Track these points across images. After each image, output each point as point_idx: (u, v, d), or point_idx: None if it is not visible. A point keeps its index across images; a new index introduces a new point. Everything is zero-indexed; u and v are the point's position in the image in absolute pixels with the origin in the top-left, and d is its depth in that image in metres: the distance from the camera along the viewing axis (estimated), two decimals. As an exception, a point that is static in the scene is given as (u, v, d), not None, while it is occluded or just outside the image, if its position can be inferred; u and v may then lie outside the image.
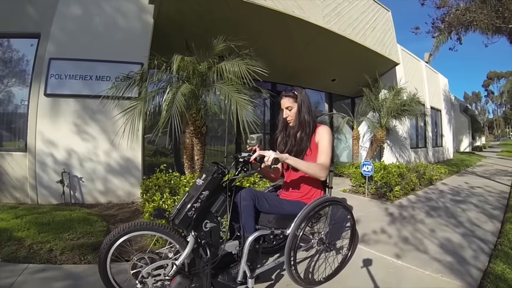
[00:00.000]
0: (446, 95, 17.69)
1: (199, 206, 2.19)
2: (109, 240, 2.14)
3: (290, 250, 2.38)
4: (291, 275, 2.46)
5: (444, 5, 9.95)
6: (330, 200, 2.70)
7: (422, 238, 3.93)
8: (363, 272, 3.00)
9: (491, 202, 6.00)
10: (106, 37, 5.54)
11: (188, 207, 2.17)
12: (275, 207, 2.52)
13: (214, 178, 2.25)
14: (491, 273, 2.84)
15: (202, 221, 2.24)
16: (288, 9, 6.43)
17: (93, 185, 5.31)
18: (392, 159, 10.15)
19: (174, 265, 2.16)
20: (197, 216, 2.20)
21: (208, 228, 2.26)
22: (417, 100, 9.62)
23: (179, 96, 4.22)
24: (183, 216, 2.15)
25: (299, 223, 2.40)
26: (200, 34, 4.97)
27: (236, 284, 2.29)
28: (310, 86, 11.24)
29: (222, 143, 9.32)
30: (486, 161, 16.49)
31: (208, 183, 2.22)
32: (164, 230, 2.26)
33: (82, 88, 5.31)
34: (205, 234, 2.25)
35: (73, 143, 5.25)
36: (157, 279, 2.16)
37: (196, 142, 4.94)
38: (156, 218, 2.22)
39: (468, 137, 28.53)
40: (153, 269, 2.16)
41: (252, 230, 2.35)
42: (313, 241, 2.77)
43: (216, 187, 2.31)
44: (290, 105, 2.69)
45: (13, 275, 2.64)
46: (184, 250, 2.21)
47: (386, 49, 9.79)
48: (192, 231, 2.22)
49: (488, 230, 4.23)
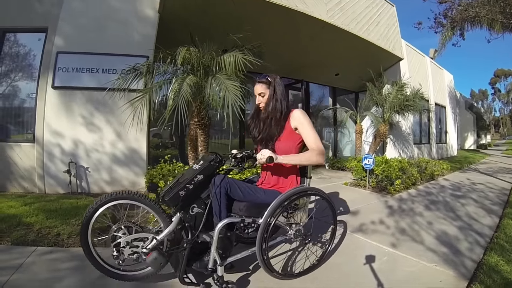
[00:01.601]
0: (451, 91, 17.61)
1: (191, 188, 2.28)
2: (91, 208, 2.23)
3: (262, 239, 2.36)
4: (263, 265, 2.44)
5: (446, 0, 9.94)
6: (306, 190, 2.63)
7: (419, 230, 3.99)
8: (358, 260, 3.07)
9: (491, 198, 6.03)
10: (112, 31, 5.63)
11: (181, 187, 2.25)
12: (248, 195, 2.49)
13: (211, 165, 2.36)
14: (484, 265, 2.89)
15: (190, 205, 2.33)
16: (292, 3, 6.48)
17: (99, 175, 5.43)
18: (395, 154, 10.18)
19: (154, 239, 2.24)
20: (187, 197, 2.28)
21: (194, 212, 2.33)
22: (421, 96, 9.60)
23: (185, 86, 4.33)
24: (174, 194, 2.23)
25: (271, 212, 2.36)
26: (205, 28, 5.07)
27: (207, 271, 2.33)
28: (314, 80, 11.32)
29: (227, 136, 9.40)
30: (490, 159, 16.39)
31: (205, 169, 2.34)
32: (149, 203, 2.34)
33: (89, 80, 5.41)
34: (190, 218, 2.32)
35: (80, 134, 5.36)
36: (134, 251, 2.22)
37: (200, 134, 5.03)
38: (150, 191, 2.32)
39: (473, 134, 28.37)
40: (133, 240, 2.23)
41: (224, 217, 2.35)
42: (290, 232, 2.69)
43: (211, 175, 2.40)
44: (263, 91, 2.66)
45: (22, 256, 2.76)
46: (167, 228, 2.30)
47: (390, 44, 9.80)
48: (179, 212, 2.32)
49: (486, 224, 4.28)
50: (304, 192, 2.59)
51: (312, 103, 11.84)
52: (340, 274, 2.77)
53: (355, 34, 8.18)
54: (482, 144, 30.82)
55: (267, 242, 2.41)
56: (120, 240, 2.21)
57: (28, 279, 2.42)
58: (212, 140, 9.12)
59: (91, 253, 2.27)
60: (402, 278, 2.69)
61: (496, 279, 2.58)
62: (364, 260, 3.06)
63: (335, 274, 2.78)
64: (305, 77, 10.45)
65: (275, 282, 2.56)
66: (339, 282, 2.64)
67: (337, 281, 2.66)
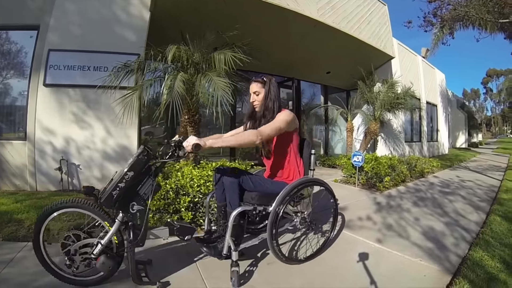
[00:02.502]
0: (442, 90, 17.78)
1: (123, 186, 2.21)
2: (38, 221, 2.24)
3: (272, 225, 2.53)
4: (272, 249, 2.61)
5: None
6: (311, 180, 2.88)
7: (406, 226, 4.05)
8: (344, 255, 3.13)
9: (479, 194, 6.10)
10: (104, 29, 5.65)
11: (113, 186, 2.19)
12: (258, 185, 2.67)
13: (139, 159, 2.27)
14: (469, 259, 2.93)
15: (129, 203, 2.29)
16: (283, 2, 6.52)
17: (90, 172, 5.44)
18: (386, 152, 10.27)
19: (99, 244, 2.21)
20: (123, 196, 2.24)
21: (135, 210, 2.30)
22: (411, 94, 9.72)
23: (178, 82, 4.40)
24: (107, 195, 2.18)
25: (280, 200, 2.55)
26: (196, 26, 5.09)
27: (221, 257, 2.47)
28: (305, 78, 11.38)
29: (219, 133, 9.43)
30: (481, 157, 16.58)
31: (133, 164, 2.25)
32: (90, 208, 2.31)
33: (80, 78, 5.43)
34: (132, 216, 2.29)
35: (71, 131, 5.38)
36: (84, 257, 2.23)
37: (190, 131, 5.09)
38: (86, 195, 2.29)
39: (464, 133, 28.58)
40: (80, 247, 2.23)
41: (236, 206, 2.51)
42: (296, 220, 2.89)
43: (144, 169, 2.34)
44: (258, 90, 2.78)
45: (13, 251, 2.80)
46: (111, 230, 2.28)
47: (381, 42, 9.87)
48: (121, 212, 2.28)
49: (473, 220, 4.33)
50: (309, 182, 2.85)
51: (303, 101, 11.89)
52: (326, 269, 2.82)
53: (346, 33, 8.22)
54: (473, 142, 31.10)
55: (276, 228, 2.58)
56: (69, 248, 2.21)
57: (18, 273, 2.46)
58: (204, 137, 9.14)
59: (47, 263, 2.28)
60: (387, 272, 2.73)
61: (479, 273, 2.62)
62: (349, 255, 3.12)
63: (321, 268, 2.83)
64: (297, 75, 10.49)
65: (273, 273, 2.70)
66: (324, 276, 2.69)
67: (322, 275, 2.71)
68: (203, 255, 2.85)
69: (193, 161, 5.05)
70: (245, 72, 6.62)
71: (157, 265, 2.73)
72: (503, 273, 2.63)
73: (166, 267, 2.70)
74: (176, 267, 2.71)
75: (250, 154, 9.64)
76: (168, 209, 3.57)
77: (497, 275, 2.59)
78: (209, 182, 3.84)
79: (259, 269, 2.78)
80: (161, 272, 2.61)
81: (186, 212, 3.57)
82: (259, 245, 2.75)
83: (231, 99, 4.26)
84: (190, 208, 3.65)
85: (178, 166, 4.56)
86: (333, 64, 10.42)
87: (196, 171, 4.12)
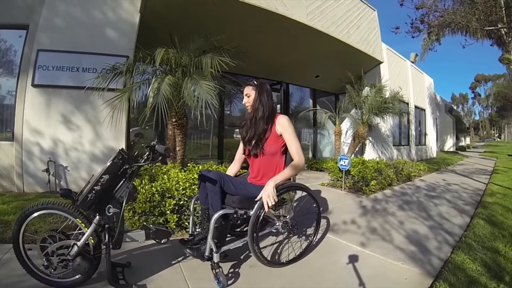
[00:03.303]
0: (431, 95, 17.99)
1: (99, 189, 2.26)
2: (16, 223, 2.26)
3: (253, 229, 2.59)
4: (254, 253, 2.67)
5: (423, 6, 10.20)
6: (292, 185, 2.92)
7: (390, 229, 4.08)
8: (326, 258, 3.16)
9: (464, 198, 6.15)
10: (94, 30, 5.64)
11: (89, 190, 2.24)
12: (240, 189, 2.78)
13: (114, 163, 2.34)
14: (451, 263, 2.96)
15: (106, 205, 2.33)
16: (271, 6, 6.57)
17: (78, 174, 5.43)
18: (374, 156, 10.36)
19: (75, 246, 2.24)
20: (99, 199, 2.29)
21: (111, 213, 2.34)
22: (399, 98, 9.83)
23: (165, 86, 4.44)
24: (83, 198, 2.22)
25: (261, 204, 2.60)
26: (185, 28, 5.14)
27: (204, 258, 2.54)
28: (294, 81, 11.44)
29: (207, 136, 9.48)
30: (468, 160, 16.78)
31: (108, 167, 2.31)
32: (67, 210, 2.32)
33: (69, 79, 5.41)
34: (108, 219, 2.33)
35: (59, 132, 5.36)
36: (61, 258, 2.23)
37: (177, 134, 5.11)
38: (63, 197, 2.31)
39: (452, 137, 28.98)
40: (57, 248, 2.25)
41: (218, 208, 2.60)
42: (278, 224, 2.96)
43: (119, 173, 2.40)
44: (249, 92, 2.96)
45: (0, 253, 2.80)
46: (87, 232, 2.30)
47: (370, 47, 9.99)
48: (97, 214, 2.31)
49: (457, 224, 4.36)
50: (290, 187, 2.88)
51: (292, 105, 11.93)
52: (307, 272, 2.85)
53: (335, 37, 8.31)
54: (461, 146, 31.60)
55: (257, 232, 2.64)
56: (47, 250, 2.23)
57: (5, 275, 2.47)
58: (193, 141, 9.18)
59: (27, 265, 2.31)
60: (368, 276, 2.75)
61: (460, 277, 2.65)
62: (331, 258, 3.15)
63: (302, 271, 2.86)
64: (285, 78, 10.56)
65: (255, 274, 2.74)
66: (305, 279, 2.73)
67: (303, 278, 2.74)
68: (188, 256, 2.92)
69: (180, 164, 5.07)
70: (233, 75, 6.67)
71: (139, 267, 2.74)
72: (483, 276, 2.65)
73: (149, 269, 2.72)
74: (158, 269, 2.73)
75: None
76: (154, 212, 3.57)
77: (478, 278, 2.61)
78: (195, 185, 3.86)
79: (242, 270, 2.82)
80: (143, 274, 2.62)
81: (172, 214, 3.58)
82: (243, 247, 2.78)
83: (215, 103, 4.31)
84: (175, 211, 3.66)
85: (165, 169, 4.58)
86: (322, 68, 10.49)
87: (182, 174, 4.14)
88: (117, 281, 2.34)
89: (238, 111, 10.49)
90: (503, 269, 2.81)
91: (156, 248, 3.18)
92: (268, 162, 2.91)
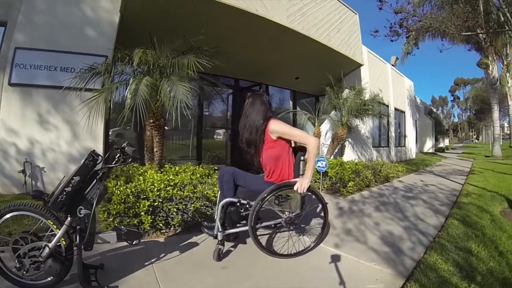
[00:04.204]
0: (411, 97, 18.33)
1: (70, 190, 2.26)
2: None
3: (251, 217, 2.99)
4: (252, 236, 3.05)
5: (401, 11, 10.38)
6: (292, 183, 3.10)
7: (365, 230, 4.12)
8: (298, 259, 3.18)
9: (440, 198, 6.25)
10: (73, 29, 5.52)
11: (60, 191, 2.24)
12: (249, 184, 3.27)
13: (85, 164, 2.34)
14: (423, 263, 2.98)
15: (77, 207, 2.33)
16: (252, 7, 6.56)
17: (55, 175, 5.29)
18: (354, 157, 10.43)
19: (47, 247, 2.24)
20: (71, 200, 2.29)
21: (83, 214, 2.34)
22: (378, 101, 9.94)
23: (142, 86, 4.45)
24: (54, 199, 2.22)
25: (261, 198, 2.99)
26: (165, 29, 5.12)
27: (213, 235, 3.11)
28: (274, 83, 11.48)
29: (188, 137, 9.43)
30: (446, 161, 17.12)
31: (79, 169, 2.32)
32: (39, 212, 2.33)
33: (47, 78, 5.29)
34: (80, 220, 2.33)
35: (36, 133, 5.23)
36: (33, 260, 2.23)
37: (155, 135, 5.10)
38: (35, 199, 2.30)
39: (431, 138, 29.58)
40: (29, 250, 2.24)
41: (228, 197, 3.12)
42: (283, 217, 3.27)
43: (90, 174, 2.41)
44: (246, 101, 3.39)
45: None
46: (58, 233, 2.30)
47: (350, 50, 10.08)
48: (69, 216, 2.32)
49: (431, 224, 4.43)
50: (290, 185, 3.11)
51: (272, 106, 11.82)
52: (278, 273, 2.86)
53: (315, 40, 8.35)
54: (440, 147, 32.28)
55: (255, 221, 3.03)
56: (19, 252, 2.21)
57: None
58: (174, 141, 9.12)
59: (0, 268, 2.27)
60: (339, 277, 2.77)
61: (432, 277, 2.66)
62: (303, 260, 3.16)
63: (273, 272, 2.88)
64: (265, 80, 10.59)
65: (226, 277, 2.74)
66: (275, 280, 2.74)
67: (274, 279, 2.76)
68: (162, 257, 3.07)
69: (157, 165, 5.03)
70: (214, 76, 6.65)
71: (113, 268, 2.72)
72: (455, 277, 2.68)
73: (122, 270, 2.70)
74: (131, 270, 2.72)
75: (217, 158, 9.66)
76: (128, 213, 3.54)
77: (449, 279, 2.64)
78: (169, 186, 3.87)
79: (213, 271, 2.87)
80: (116, 275, 2.60)
81: (146, 216, 3.55)
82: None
83: (190, 103, 4.33)
84: (150, 212, 3.63)
85: (141, 170, 4.53)
86: (302, 70, 10.54)
87: (158, 175, 4.12)
88: (89, 283, 2.35)
89: (219, 112, 10.47)
90: (474, 269, 2.85)
91: (131, 249, 3.15)
92: (273, 162, 3.20)
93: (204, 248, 3.38)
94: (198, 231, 3.82)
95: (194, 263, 3.02)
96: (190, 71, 4.64)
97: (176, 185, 4.01)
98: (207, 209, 4.04)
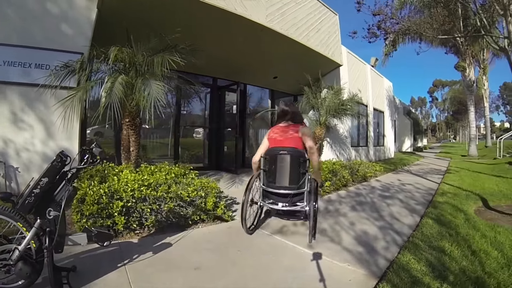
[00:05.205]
0: (389, 98, 18.61)
1: (38, 192, 2.23)
2: None
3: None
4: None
5: (379, 13, 10.49)
6: None
7: (340, 230, 4.12)
8: (271, 259, 3.18)
9: (417, 198, 6.33)
10: (48, 24, 5.33)
11: (28, 193, 2.21)
12: None
13: (53, 165, 2.31)
14: (396, 263, 2.99)
15: (46, 209, 2.30)
16: (231, 6, 6.49)
17: (30, 175, 5.07)
18: (332, 156, 10.49)
19: (17, 250, 2.21)
20: (39, 202, 2.26)
21: (52, 216, 2.31)
22: (356, 100, 10.01)
23: (117, 85, 4.40)
24: (22, 201, 2.19)
25: None
26: (143, 27, 4.97)
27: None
28: (252, 82, 11.43)
29: (167, 135, 9.33)
30: (424, 160, 17.44)
31: (48, 170, 2.29)
32: (8, 214, 2.28)
33: (21, 75, 5.09)
34: (49, 222, 2.30)
35: (10, 132, 5.03)
36: (3, 263, 2.19)
37: (131, 134, 5.04)
38: (3, 201, 2.26)
39: (410, 138, 30.17)
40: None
41: None
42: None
43: (59, 175, 2.38)
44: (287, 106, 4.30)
45: None
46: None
47: (329, 50, 10.11)
48: (38, 218, 2.29)
49: (406, 224, 4.46)
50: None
51: (251, 105, 11.96)
52: (250, 273, 2.85)
53: (293, 39, 8.33)
54: (418, 147, 32.93)
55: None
56: None
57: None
58: (152, 140, 9.02)
59: None
60: (311, 278, 2.77)
61: (404, 277, 2.67)
62: (276, 260, 3.16)
63: (246, 272, 2.87)
64: (243, 79, 10.53)
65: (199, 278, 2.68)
66: (248, 280, 2.73)
67: (246, 279, 2.75)
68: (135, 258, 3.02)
69: (134, 164, 4.96)
70: (193, 75, 6.57)
71: (85, 271, 2.69)
72: (427, 276, 2.69)
73: (94, 272, 2.67)
74: (104, 272, 2.69)
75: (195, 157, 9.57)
76: (102, 214, 3.49)
77: (421, 279, 2.64)
78: (144, 186, 3.83)
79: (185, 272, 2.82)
80: (88, 277, 2.57)
81: (119, 216, 3.51)
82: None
83: (163, 102, 4.30)
84: (123, 212, 3.59)
85: (117, 170, 4.46)
86: (281, 69, 10.52)
87: (133, 175, 4.08)
88: (60, 285, 2.33)
89: (198, 111, 10.38)
90: (447, 268, 2.87)
91: (104, 251, 3.12)
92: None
93: (178, 249, 3.35)
94: (172, 232, 3.82)
95: (167, 263, 2.99)
96: (165, 69, 4.61)
97: (150, 185, 3.96)
98: (181, 209, 4.00)
